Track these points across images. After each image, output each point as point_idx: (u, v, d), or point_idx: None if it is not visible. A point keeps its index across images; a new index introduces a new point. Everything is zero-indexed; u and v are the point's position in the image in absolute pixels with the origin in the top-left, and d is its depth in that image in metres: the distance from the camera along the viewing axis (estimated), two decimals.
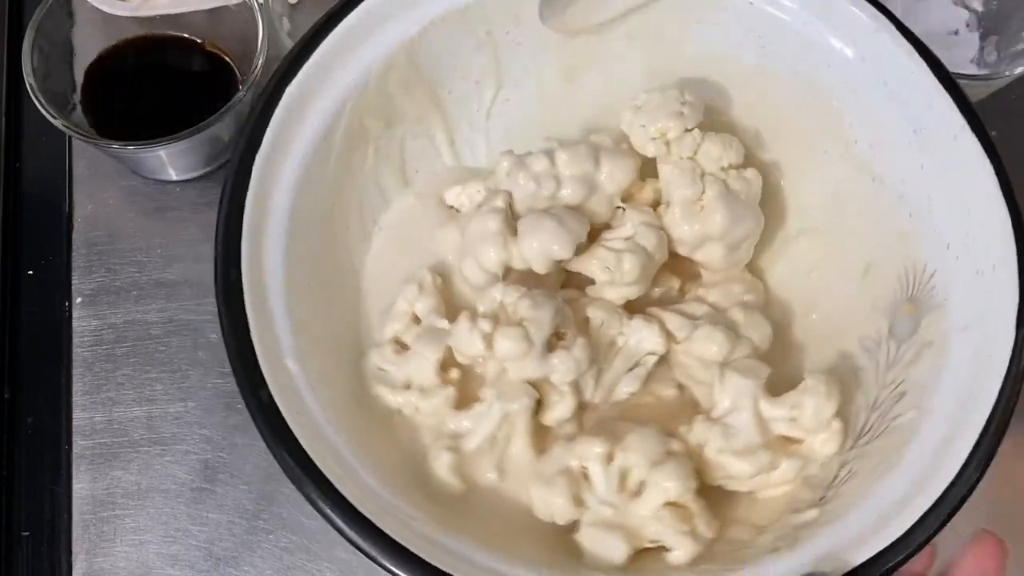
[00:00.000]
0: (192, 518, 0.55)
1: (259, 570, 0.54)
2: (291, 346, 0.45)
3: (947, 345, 0.46)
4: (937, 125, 0.48)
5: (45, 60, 0.59)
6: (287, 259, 0.47)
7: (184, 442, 0.57)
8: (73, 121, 0.58)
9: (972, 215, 0.47)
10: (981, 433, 0.42)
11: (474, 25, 0.53)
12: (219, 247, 0.45)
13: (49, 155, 0.64)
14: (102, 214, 0.63)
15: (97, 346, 0.59)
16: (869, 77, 0.50)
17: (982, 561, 0.40)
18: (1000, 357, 0.43)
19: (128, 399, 0.58)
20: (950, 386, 0.44)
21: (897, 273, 0.50)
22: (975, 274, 0.46)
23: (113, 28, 0.62)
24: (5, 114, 0.65)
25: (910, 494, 0.42)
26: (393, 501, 0.43)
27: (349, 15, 0.50)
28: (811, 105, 0.52)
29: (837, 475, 0.47)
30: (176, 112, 0.61)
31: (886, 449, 0.45)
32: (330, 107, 0.50)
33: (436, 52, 0.53)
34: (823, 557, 0.42)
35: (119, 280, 0.61)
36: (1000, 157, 0.47)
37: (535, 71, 0.56)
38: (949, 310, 0.46)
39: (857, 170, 0.52)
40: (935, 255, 0.48)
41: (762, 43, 0.53)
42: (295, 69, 0.49)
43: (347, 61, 0.50)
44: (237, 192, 0.46)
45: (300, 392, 0.44)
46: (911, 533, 0.41)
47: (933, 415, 0.44)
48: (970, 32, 0.64)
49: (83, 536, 0.55)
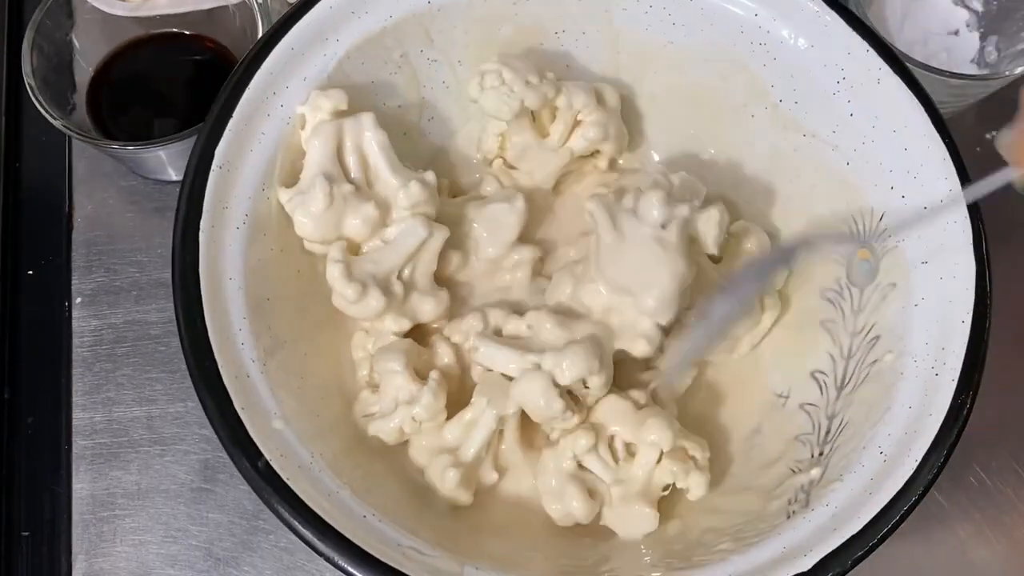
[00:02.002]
0: (192, 518, 0.55)
1: (259, 570, 0.54)
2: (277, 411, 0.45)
3: (910, 283, 0.47)
4: (858, 71, 0.49)
5: (45, 60, 0.59)
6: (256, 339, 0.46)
7: (184, 442, 0.57)
8: (73, 121, 0.58)
9: (910, 153, 0.48)
10: (964, 361, 0.43)
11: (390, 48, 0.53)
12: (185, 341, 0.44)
13: (49, 155, 0.64)
14: (102, 214, 0.63)
15: (97, 346, 0.59)
16: (784, 35, 0.50)
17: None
18: (965, 283, 0.44)
19: (128, 399, 0.58)
20: (922, 323, 0.45)
21: (845, 221, 0.51)
22: (924, 210, 0.47)
23: (113, 28, 0.62)
24: (5, 114, 0.65)
25: (909, 434, 0.43)
26: (412, 543, 0.43)
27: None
28: (730, 72, 0.53)
29: (829, 428, 0.47)
30: (176, 112, 0.61)
31: (873, 395, 0.46)
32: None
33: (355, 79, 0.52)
34: (839, 512, 0.42)
35: (119, 280, 0.61)
36: (927, 93, 0.48)
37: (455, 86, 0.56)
38: (905, 249, 0.47)
39: (787, 129, 0.52)
40: (880, 198, 0.49)
41: (673, 19, 0.53)
42: (216, 134, 0.48)
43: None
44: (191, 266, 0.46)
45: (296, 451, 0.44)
46: (918, 473, 0.42)
47: (912, 354, 0.45)
48: (970, 32, 0.64)
49: (83, 536, 0.55)
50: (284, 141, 0.50)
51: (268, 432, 0.43)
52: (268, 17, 0.59)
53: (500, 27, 0.54)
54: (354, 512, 0.43)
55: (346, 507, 0.43)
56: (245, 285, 0.46)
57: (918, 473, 0.42)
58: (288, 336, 0.48)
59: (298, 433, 0.44)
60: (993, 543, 0.56)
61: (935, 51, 0.63)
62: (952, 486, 0.41)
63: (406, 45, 0.53)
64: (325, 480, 0.43)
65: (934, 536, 0.55)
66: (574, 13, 0.54)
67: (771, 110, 0.53)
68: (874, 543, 0.41)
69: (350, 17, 0.51)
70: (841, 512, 0.42)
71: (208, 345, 0.44)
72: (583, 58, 0.56)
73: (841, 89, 0.50)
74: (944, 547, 0.55)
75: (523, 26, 0.54)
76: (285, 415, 0.44)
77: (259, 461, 0.42)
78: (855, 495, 0.42)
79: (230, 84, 0.48)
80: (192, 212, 0.46)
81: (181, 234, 0.46)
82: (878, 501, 0.41)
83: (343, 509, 0.42)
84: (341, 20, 0.51)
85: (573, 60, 0.56)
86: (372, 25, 0.51)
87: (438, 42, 0.54)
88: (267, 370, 0.45)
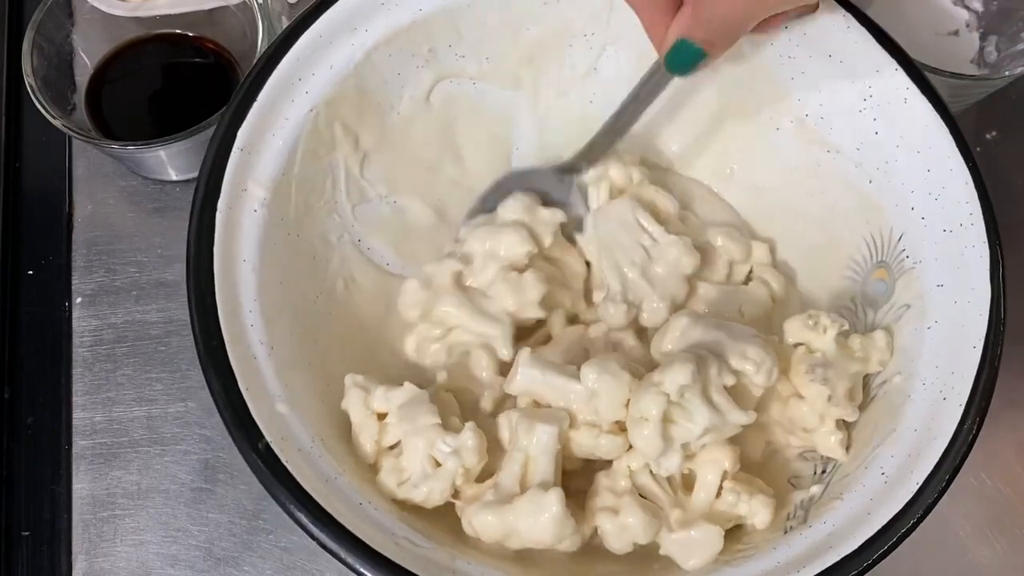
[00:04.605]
0: (192, 518, 0.55)
1: (259, 570, 0.54)
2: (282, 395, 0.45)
3: (925, 305, 0.46)
4: (886, 90, 0.48)
5: (45, 60, 0.59)
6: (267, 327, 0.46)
7: (184, 442, 0.57)
8: (73, 121, 0.58)
9: (933, 175, 0.47)
10: (973, 387, 0.43)
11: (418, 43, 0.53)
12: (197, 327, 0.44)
13: (49, 155, 0.64)
14: (102, 214, 0.63)
15: (97, 346, 0.59)
16: (813, 50, 0.50)
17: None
18: (979, 308, 0.44)
19: (128, 399, 0.58)
20: (933, 346, 0.45)
21: (864, 240, 0.50)
22: (944, 232, 0.46)
23: (113, 28, 0.62)
24: (5, 114, 0.65)
25: (912, 456, 0.43)
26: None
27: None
28: (758, 84, 0.53)
29: None
30: (176, 112, 0.61)
31: (880, 415, 0.46)
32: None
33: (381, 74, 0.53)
34: (836, 530, 0.42)
35: (119, 280, 0.61)
36: (952, 115, 0.47)
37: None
38: (923, 270, 0.47)
39: (811, 143, 0.52)
40: (900, 218, 0.48)
41: None
42: (240, 115, 0.48)
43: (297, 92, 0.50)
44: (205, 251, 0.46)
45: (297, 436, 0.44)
46: (919, 495, 0.41)
47: (921, 376, 0.45)
48: (970, 32, 0.64)
49: (83, 536, 0.55)
50: (306, 128, 0.50)
51: (271, 415, 0.43)
52: (268, 18, 0.59)
53: (529, 26, 0.54)
54: (350, 499, 0.42)
55: (343, 493, 0.43)
56: (259, 268, 0.47)
57: (919, 495, 0.41)
58: (298, 321, 0.48)
59: (301, 418, 0.44)
60: (993, 543, 0.56)
61: (935, 51, 0.63)
62: (952, 486, 0.41)
63: (435, 39, 0.53)
64: (324, 465, 0.43)
65: (934, 536, 0.55)
66: (603, 18, 0.54)
67: (796, 124, 0.52)
68: (869, 563, 0.40)
69: (380, 8, 0.51)
70: (838, 530, 0.42)
71: (217, 325, 0.44)
72: (610, 63, 0.56)
73: (867, 107, 0.49)
74: (944, 547, 0.56)
75: (551, 26, 0.54)
76: (289, 399, 0.44)
77: (260, 443, 0.42)
78: (854, 514, 0.42)
79: (257, 67, 0.48)
80: (211, 191, 0.46)
81: (199, 213, 0.46)
82: (876, 522, 0.41)
83: (339, 495, 0.42)
84: (371, 10, 0.50)
85: (600, 65, 0.56)
86: (402, 18, 0.51)
87: (467, 37, 0.54)
88: (275, 354, 0.45)
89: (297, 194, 0.50)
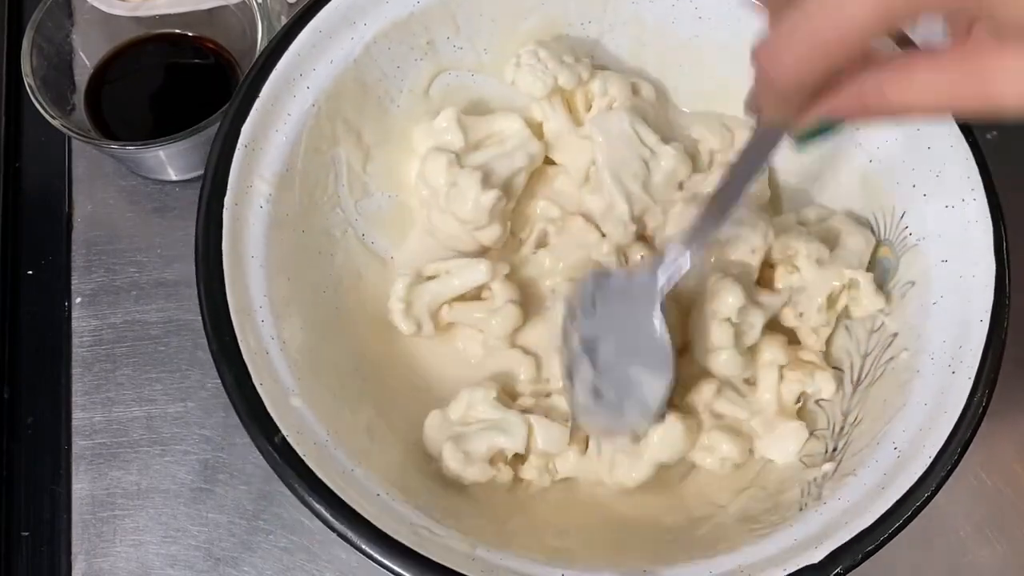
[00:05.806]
0: (192, 518, 0.55)
1: (259, 570, 0.54)
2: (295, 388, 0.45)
3: (929, 281, 0.47)
4: None
5: (45, 60, 0.59)
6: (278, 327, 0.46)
7: (184, 442, 0.57)
8: (73, 121, 0.58)
9: (933, 152, 0.47)
10: (981, 359, 0.43)
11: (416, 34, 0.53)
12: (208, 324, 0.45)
13: (49, 155, 0.64)
14: (102, 214, 0.63)
15: (97, 346, 0.59)
16: None
17: None
18: (984, 282, 0.44)
19: (128, 399, 0.58)
20: (940, 321, 0.45)
21: (866, 218, 0.51)
22: (946, 208, 0.47)
23: (113, 28, 0.62)
24: (5, 114, 0.65)
25: (924, 430, 0.43)
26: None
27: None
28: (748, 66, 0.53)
29: (844, 424, 0.48)
30: (176, 112, 0.61)
31: (889, 392, 0.46)
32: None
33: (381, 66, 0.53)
34: (851, 506, 0.42)
35: (119, 280, 0.61)
36: None
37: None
38: (926, 247, 0.47)
39: None
40: (902, 196, 0.49)
41: (699, 13, 0.54)
42: (243, 112, 0.48)
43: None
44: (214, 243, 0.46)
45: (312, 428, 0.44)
46: (931, 469, 0.42)
47: (929, 351, 0.45)
48: None
49: (83, 536, 0.55)
50: (308, 123, 0.50)
51: (286, 408, 0.43)
52: (268, 18, 0.59)
53: (527, 16, 0.55)
54: (368, 490, 0.43)
55: (360, 485, 0.43)
56: (266, 263, 0.47)
57: (931, 469, 0.41)
58: (307, 315, 0.48)
59: (315, 411, 0.44)
60: (993, 543, 0.56)
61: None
62: (952, 486, 0.41)
63: (433, 32, 0.53)
64: (340, 457, 0.43)
65: (934, 536, 0.55)
66: (601, 4, 0.55)
67: None
68: (885, 538, 0.40)
69: (377, 1, 0.51)
70: (853, 506, 0.42)
71: (229, 320, 0.44)
72: (609, 50, 0.57)
73: None
74: (944, 547, 0.55)
75: (549, 15, 0.55)
76: (302, 393, 0.45)
77: (276, 436, 0.42)
78: (868, 490, 0.42)
79: (258, 64, 0.49)
80: (217, 189, 0.46)
81: (206, 210, 0.46)
82: (890, 496, 0.41)
83: (357, 487, 0.42)
84: (369, 4, 0.51)
85: (599, 52, 0.57)
86: (399, 10, 0.52)
87: (465, 29, 0.54)
88: (286, 348, 0.45)
89: (301, 189, 0.50)
